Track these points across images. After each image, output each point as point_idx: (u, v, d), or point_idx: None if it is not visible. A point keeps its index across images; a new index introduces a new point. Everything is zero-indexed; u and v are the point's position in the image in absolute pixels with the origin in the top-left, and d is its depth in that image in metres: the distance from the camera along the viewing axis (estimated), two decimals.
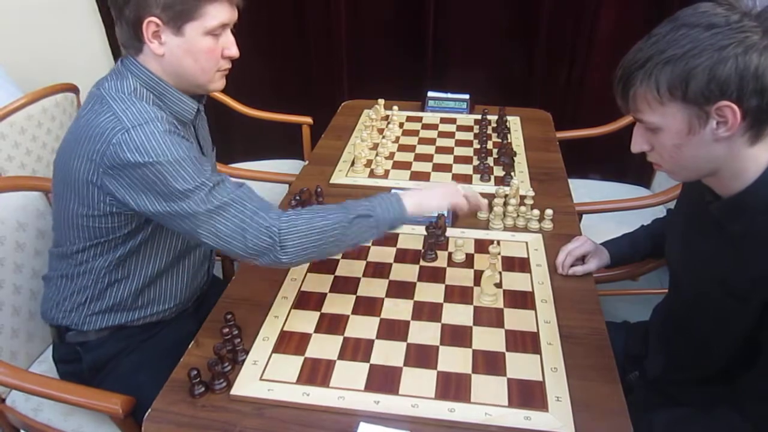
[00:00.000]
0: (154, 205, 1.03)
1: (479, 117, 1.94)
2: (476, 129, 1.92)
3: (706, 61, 0.79)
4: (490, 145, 1.80)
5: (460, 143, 1.85)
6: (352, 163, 1.69)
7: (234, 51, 1.13)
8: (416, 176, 1.66)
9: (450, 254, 1.31)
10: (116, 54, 2.72)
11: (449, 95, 2.11)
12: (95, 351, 1.23)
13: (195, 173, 1.02)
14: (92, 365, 1.23)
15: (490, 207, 1.45)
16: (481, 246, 1.34)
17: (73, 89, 2.02)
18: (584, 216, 1.81)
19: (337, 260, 1.30)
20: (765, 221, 0.88)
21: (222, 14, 1.08)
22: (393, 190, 1.16)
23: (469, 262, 1.30)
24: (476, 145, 1.82)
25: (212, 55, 1.10)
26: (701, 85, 0.80)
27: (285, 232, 1.02)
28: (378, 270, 1.27)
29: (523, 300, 1.18)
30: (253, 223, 1.02)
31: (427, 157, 1.76)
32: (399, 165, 1.71)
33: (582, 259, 1.30)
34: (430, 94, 2.12)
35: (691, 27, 0.81)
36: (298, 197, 1.44)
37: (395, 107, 2.00)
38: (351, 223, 1.07)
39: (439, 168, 1.70)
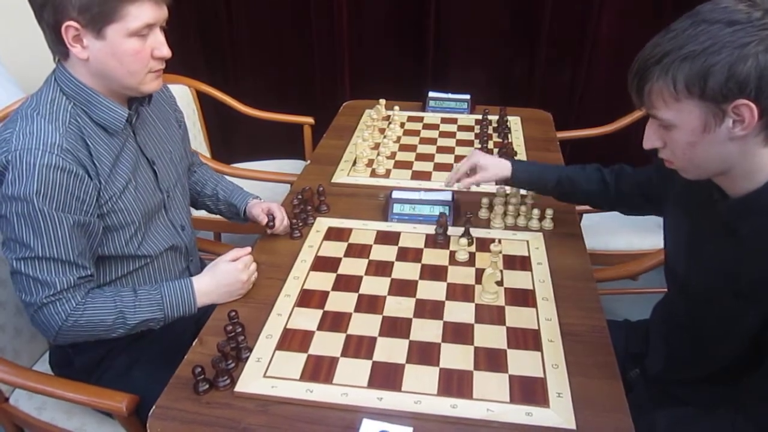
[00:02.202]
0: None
1: (480, 117, 1.95)
2: (477, 129, 1.93)
3: (726, 59, 0.78)
4: (490, 144, 1.81)
5: (461, 143, 1.85)
6: (354, 163, 1.70)
7: (164, 51, 1.08)
8: (417, 176, 1.67)
9: (452, 253, 1.32)
10: None
11: (450, 95, 2.12)
12: (85, 352, 1.22)
13: (42, 227, 1.02)
14: (83, 367, 1.23)
15: (491, 206, 1.46)
16: (483, 244, 1.35)
17: None
18: (584, 215, 1.82)
19: (340, 259, 1.31)
20: None
21: (145, 14, 1.03)
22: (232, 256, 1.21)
23: (470, 260, 1.31)
24: (477, 145, 1.82)
25: (139, 57, 1.05)
26: (720, 83, 0.79)
27: (65, 332, 1.07)
28: (380, 268, 1.28)
29: (524, 298, 1.19)
30: (40, 312, 1.06)
31: (428, 157, 1.77)
32: (400, 164, 1.72)
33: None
34: (431, 94, 2.13)
35: (712, 23, 0.79)
36: (300, 196, 1.45)
37: (396, 107, 2.01)
38: (134, 328, 1.13)
39: (440, 167, 1.70)
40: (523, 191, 1.48)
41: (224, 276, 1.18)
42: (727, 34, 0.78)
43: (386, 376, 1.00)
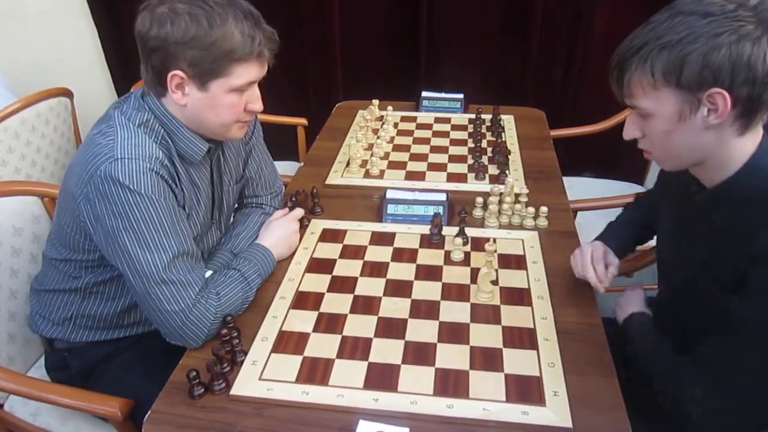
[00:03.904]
0: (111, 238, 1.03)
1: (473, 116, 1.95)
2: (470, 128, 1.93)
3: (701, 48, 0.81)
4: (484, 143, 1.81)
5: (455, 142, 1.85)
6: (348, 164, 1.70)
7: (258, 106, 1.13)
8: (411, 176, 1.66)
9: (447, 253, 1.32)
10: (109, 58, 2.72)
11: (443, 95, 2.11)
12: (82, 356, 1.22)
13: (167, 225, 1.04)
14: (80, 371, 1.23)
15: (486, 205, 1.46)
16: (478, 244, 1.34)
17: (67, 93, 2.01)
18: (579, 213, 1.82)
19: (335, 260, 1.30)
20: (748, 212, 0.89)
21: (249, 73, 1.07)
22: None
23: (465, 260, 1.30)
24: (471, 144, 1.82)
25: (234, 110, 1.10)
26: (695, 71, 0.82)
27: (211, 325, 1.07)
28: (375, 269, 1.28)
29: (519, 297, 1.19)
30: (191, 315, 1.05)
31: (422, 157, 1.77)
32: (394, 165, 1.72)
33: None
34: (424, 94, 2.12)
35: (688, 14, 0.83)
36: (294, 198, 1.44)
37: (389, 107, 2.00)
38: (252, 287, 1.17)
39: (434, 167, 1.70)
40: (517, 189, 1.48)
41: (280, 229, 1.31)
42: (702, 24, 0.81)
43: (382, 377, 1.00)
